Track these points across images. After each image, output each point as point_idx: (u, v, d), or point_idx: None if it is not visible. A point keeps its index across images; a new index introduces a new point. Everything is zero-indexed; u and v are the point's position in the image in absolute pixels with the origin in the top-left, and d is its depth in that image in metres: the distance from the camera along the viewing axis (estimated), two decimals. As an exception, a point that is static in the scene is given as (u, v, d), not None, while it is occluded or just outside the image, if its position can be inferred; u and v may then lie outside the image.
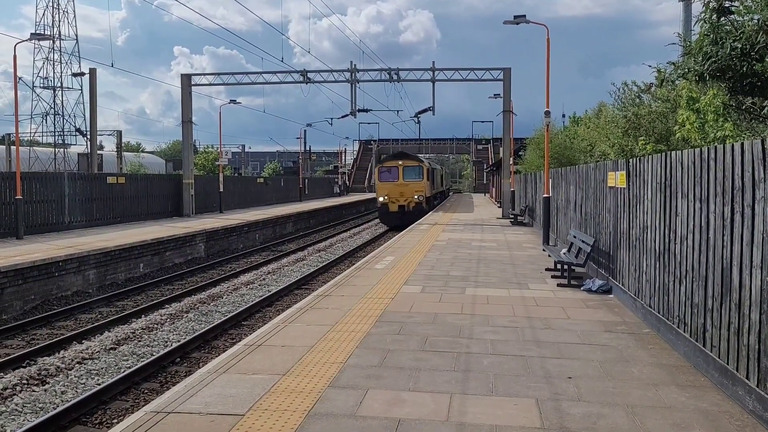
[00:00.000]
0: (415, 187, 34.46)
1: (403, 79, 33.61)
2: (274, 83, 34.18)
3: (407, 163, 35.12)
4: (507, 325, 8.34)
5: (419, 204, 34.25)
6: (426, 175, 35.20)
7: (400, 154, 38.47)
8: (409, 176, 34.71)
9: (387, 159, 36.91)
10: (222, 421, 5.03)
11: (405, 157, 36.35)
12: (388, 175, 34.83)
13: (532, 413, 5.22)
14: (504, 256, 15.79)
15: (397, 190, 34.18)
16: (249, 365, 6.53)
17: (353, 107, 33.65)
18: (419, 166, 35.19)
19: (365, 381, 6.02)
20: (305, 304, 9.74)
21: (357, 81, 33.23)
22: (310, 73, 33.39)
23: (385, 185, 34.50)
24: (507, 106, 31.99)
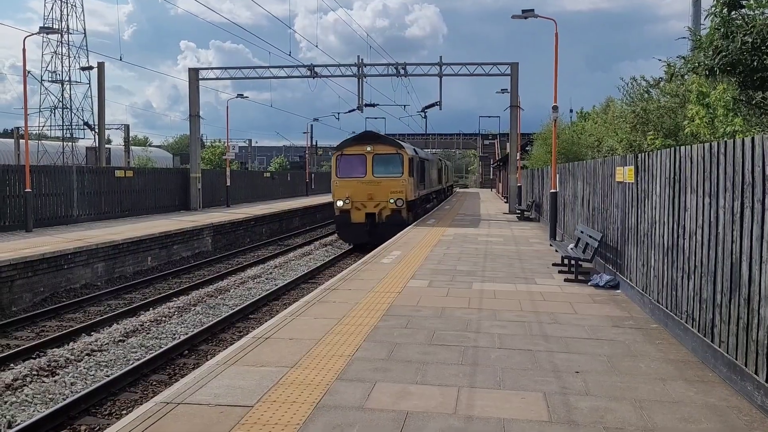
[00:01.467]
0: (392, 186, 23.35)
1: (410, 74, 33.58)
2: (282, 77, 34.20)
3: (380, 150, 23.76)
4: (514, 320, 8.34)
5: (397, 212, 23.28)
6: (408, 167, 23.98)
7: (369, 135, 25.20)
8: (383, 169, 23.70)
9: (349, 143, 24.38)
10: (231, 412, 5.06)
11: (376, 141, 24.26)
12: (351, 167, 23.72)
13: (540, 407, 5.23)
14: (511, 251, 15.78)
15: (363, 191, 23.28)
16: (257, 358, 6.56)
17: (360, 102, 33.65)
18: (398, 154, 23.88)
19: (373, 374, 6.04)
20: (312, 297, 9.77)
21: (364, 75, 33.20)
22: (317, 67, 33.37)
23: (347, 183, 23.33)
24: (514, 101, 31.90)
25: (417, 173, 26.75)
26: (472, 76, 33.07)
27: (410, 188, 24.33)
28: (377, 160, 23.54)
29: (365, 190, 23.28)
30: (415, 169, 26.08)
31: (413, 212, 26.04)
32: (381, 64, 34.02)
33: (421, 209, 29.25)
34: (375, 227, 23.14)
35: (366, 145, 23.61)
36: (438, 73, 32.95)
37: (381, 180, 23.34)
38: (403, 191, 23.38)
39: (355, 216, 23.26)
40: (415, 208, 26.55)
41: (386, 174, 23.53)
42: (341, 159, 23.79)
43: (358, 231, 23.26)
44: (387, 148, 23.94)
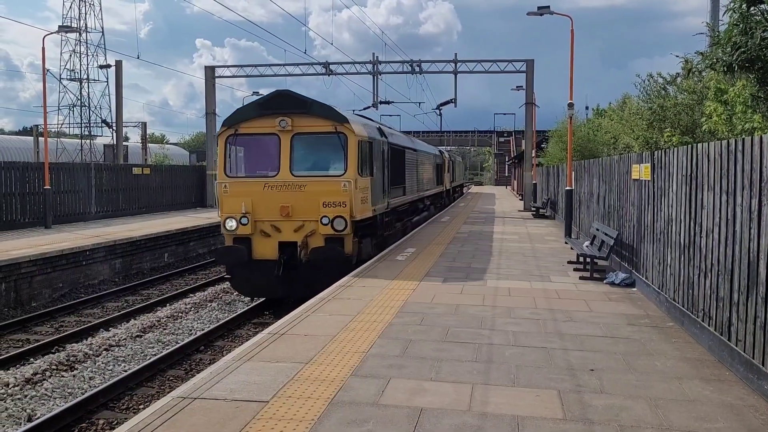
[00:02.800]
0: (326, 193, 12.85)
1: (425, 71, 33.54)
2: (297, 75, 34.30)
3: (305, 126, 13.17)
4: (529, 317, 8.33)
5: (336, 242, 12.85)
6: (359, 158, 13.34)
7: (285, 97, 13.44)
8: (311, 161, 13.49)
9: (249, 112, 13.60)
10: (246, 407, 5.11)
11: (297, 109, 13.22)
12: (252, 157, 13.88)
13: (554, 404, 5.23)
14: (526, 249, 15.74)
15: (273, 203, 12.96)
16: (272, 353, 6.61)
17: (375, 99, 33.64)
18: (337, 134, 13.09)
19: (387, 370, 6.07)
20: (327, 294, 9.81)
21: (379, 73, 33.23)
22: (332, 65, 33.43)
23: (243, 188, 13.13)
24: (529, 98, 31.76)
25: (383, 169, 15.47)
26: (488, 73, 32.97)
27: (364, 197, 13.36)
28: (300, 146, 12.99)
29: (277, 200, 12.64)
30: (379, 162, 14.92)
31: (375, 237, 14.89)
32: (396, 62, 34.02)
33: (394, 229, 17.97)
34: (295, 269, 12.53)
35: (278, 116, 12.80)
36: (453, 70, 32.88)
37: (306, 182, 12.63)
38: (348, 203, 12.52)
39: (259, 248, 12.78)
40: (378, 230, 15.12)
41: (316, 171, 12.99)
42: (234, 143, 13.25)
43: (263, 275, 12.66)
44: (317, 124, 12.91)
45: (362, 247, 13.66)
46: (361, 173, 13.26)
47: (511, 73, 32.62)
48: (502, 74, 33.07)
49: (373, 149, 14.28)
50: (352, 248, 12.86)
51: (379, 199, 15.10)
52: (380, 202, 15.19)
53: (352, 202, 12.56)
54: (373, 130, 15.15)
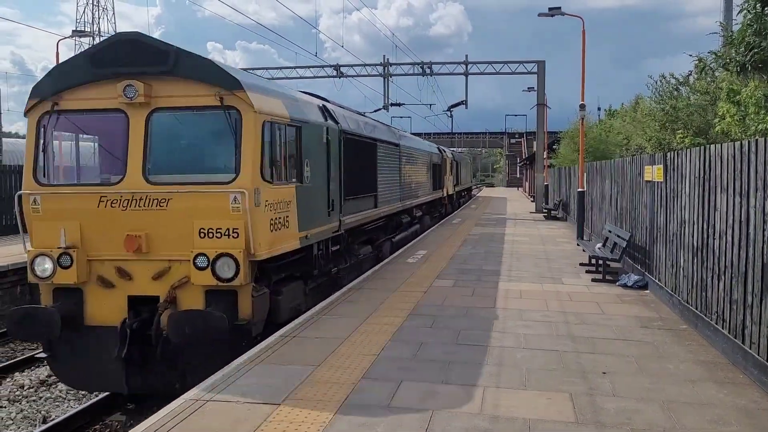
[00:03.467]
0: (209, 209, 7.31)
1: (436, 72, 33.57)
2: (308, 78, 34.41)
3: (167, 94, 7.51)
4: (540, 320, 8.30)
5: (224, 295, 7.32)
6: (270, 149, 7.81)
7: (128, 45, 7.44)
8: (182, 155, 8.05)
9: (76, 72, 7.63)
10: (258, 409, 5.14)
11: (152, 62, 7.43)
12: (84, 153, 8.80)
13: (566, 407, 5.21)
14: (537, 251, 15.69)
15: (116, 227, 7.39)
16: (284, 356, 6.63)
17: (386, 101, 33.68)
18: (225, 110, 7.37)
19: (398, 373, 6.07)
20: (337, 297, 9.83)
21: (390, 75, 33.27)
22: (343, 67, 33.51)
23: (65, 202, 7.57)
24: (541, 99, 31.68)
25: (328, 170, 10.17)
26: (498, 74, 32.93)
27: (279, 217, 8.12)
28: (161, 130, 7.80)
29: (122, 224, 7.49)
30: (319, 160, 9.75)
31: (311, 280, 9.72)
32: (406, 63, 34.04)
33: (355, 258, 12.40)
34: (152, 346, 7.35)
35: (123, 79, 7.49)
36: (464, 71, 32.87)
37: (170, 194, 7.46)
38: (242, 230, 7.32)
39: (94, 306, 7.62)
40: (315, 268, 9.71)
41: (187, 174, 7.75)
42: (53, 125, 7.93)
43: (101, 353, 7.43)
44: (190, 92, 7.56)
45: (279, 304, 8.08)
46: (271, 177, 7.72)
47: (523, 75, 32.57)
48: (514, 75, 33.02)
49: (302, 138, 8.72)
50: (251, 309, 7.29)
51: (320, 219, 9.50)
52: (322, 223, 9.60)
53: (249, 229, 7.11)
54: (305, 107, 9.45)
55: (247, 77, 8.12)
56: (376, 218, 14.24)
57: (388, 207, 15.46)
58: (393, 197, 16.03)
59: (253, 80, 8.30)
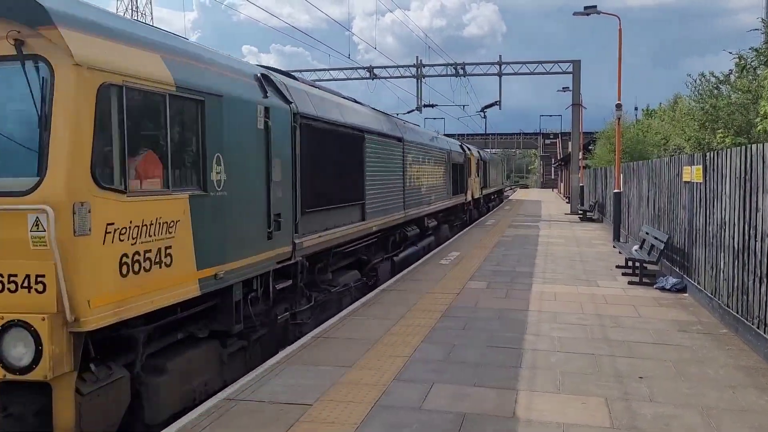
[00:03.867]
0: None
1: (470, 73, 33.41)
2: (341, 80, 34.56)
3: None
4: (575, 323, 8.18)
5: (22, 394, 4.36)
6: (121, 131, 4.69)
7: None
8: None
9: None
10: (290, 409, 5.16)
11: None
12: None
13: (602, 412, 5.11)
14: (572, 253, 15.47)
15: None
16: (315, 357, 6.65)
17: (419, 102, 33.63)
18: (22, 61, 4.30)
19: (430, 375, 6.04)
20: (369, 298, 9.83)
21: (423, 76, 33.22)
22: (376, 68, 33.58)
23: None
24: (576, 99, 31.26)
25: (268, 173, 6.98)
26: (533, 74, 32.61)
27: (154, 252, 5.01)
28: None
29: None
30: (248, 155, 6.59)
31: (227, 348, 6.36)
32: (440, 65, 33.94)
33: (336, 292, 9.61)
34: None
35: None
36: (498, 72, 32.64)
37: None
38: (50, 278, 4.24)
39: None
40: (243, 319, 6.47)
41: None
42: None
43: None
44: None
45: (157, 393, 5.24)
46: (122, 182, 4.77)
47: (557, 74, 32.21)
48: (548, 75, 32.65)
49: (205, 119, 5.78)
50: (74, 419, 4.38)
51: (250, 244, 6.58)
52: (256, 251, 6.68)
53: (62, 277, 4.23)
54: (218, 72, 6.30)
55: (73, 5, 4.76)
56: (365, 234, 10.85)
57: (384, 218, 12.01)
58: (392, 205, 12.74)
59: (87, 12, 4.85)
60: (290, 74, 9.28)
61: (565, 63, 31.75)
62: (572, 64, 31.40)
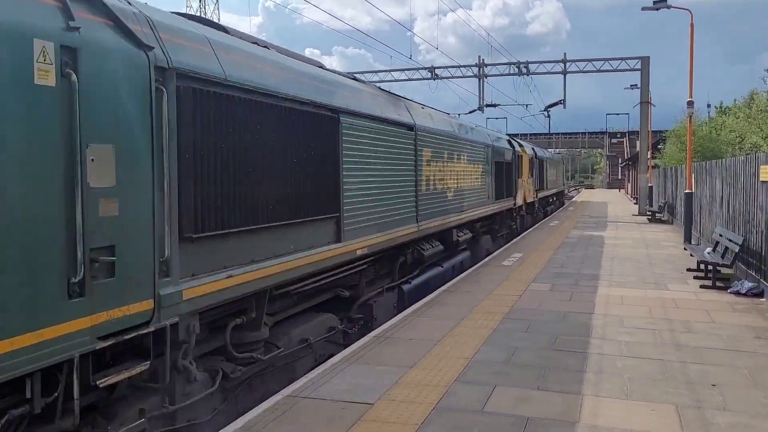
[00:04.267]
0: None
1: (533, 72, 32.87)
2: (402, 80, 34.62)
3: None
4: (643, 327, 7.93)
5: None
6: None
7: None
8: None
9: None
10: (352, 408, 5.20)
11: None
12: None
13: (672, 420, 4.94)
14: (640, 255, 15.00)
15: None
16: (377, 357, 6.69)
17: (481, 102, 33.34)
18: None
19: (492, 377, 5.98)
20: (431, 299, 9.80)
21: (485, 76, 32.92)
22: (437, 69, 33.49)
23: None
24: (645, 97, 30.32)
25: (96, 165, 3.90)
26: (599, 72, 31.84)
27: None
28: None
29: None
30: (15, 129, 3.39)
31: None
32: (502, 64, 33.55)
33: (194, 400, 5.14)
34: None
35: None
36: (562, 70, 32.03)
37: None
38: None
39: None
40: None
41: None
42: None
43: None
44: None
45: None
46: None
47: (625, 72, 31.34)
48: (615, 73, 31.80)
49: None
50: None
51: (24, 314, 3.44)
52: (32, 325, 3.47)
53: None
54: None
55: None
56: (346, 261, 7.67)
57: (381, 236, 8.62)
58: (396, 216, 9.23)
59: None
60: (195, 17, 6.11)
61: (633, 60, 30.85)
62: (640, 61, 30.48)
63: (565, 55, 31.91)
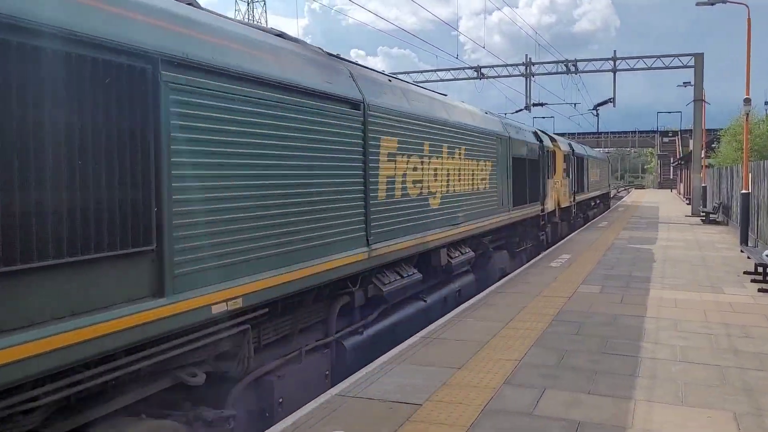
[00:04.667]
0: None
1: (582, 70, 32.33)
2: (448, 80, 34.49)
3: None
4: (698, 331, 7.71)
5: None
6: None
7: None
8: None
9: None
10: (400, 408, 5.21)
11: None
12: None
13: (730, 427, 4.79)
14: (694, 257, 14.58)
15: None
16: (424, 357, 6.68)
17: (528, 101, 32.96)
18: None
19: (541, 380, 5.90)
20: (477, 300, 9.74)
21: (532, 75, 32.53)
22: (483, 68, 33.25)
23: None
24: (698, 94, 29.49)
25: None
26: (650, 69, 31.10)
27: None
28: None
29: None
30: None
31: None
32: (550, 62, 33.10)
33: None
34: None
35: None
36: (612, 68, 31.42)
37: None
38: None
39: None
40: None
41: None
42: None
43: None
44: None
45: None
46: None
47: (677, 69, 30.52)
48: (666, 70, 30.99)
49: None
50: None
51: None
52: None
53: None
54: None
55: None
56: (172, 329, 4.19)
57: (271, 276, 5.16)
58: (318, 239, 5.94)
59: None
60: None
61: (686, 57, 30.02)
62: (694, 58, 29.63)
63: (615, 52, 31.29)
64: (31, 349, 3.20)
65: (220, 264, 4.56)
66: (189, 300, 4.25)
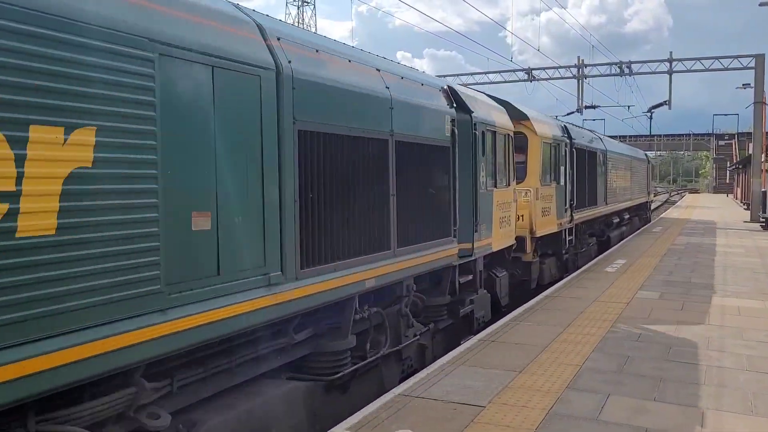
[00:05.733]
0: None
1: (635, 72, 31.68)
2: (498, 82, 34.26)
3: None
4: (765, 340, 7.51)
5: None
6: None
7: None
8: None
9: None
10: (464, 410, 5.26)
11: None
12: None
13: (804, 439, 4.69)
14: (755, 264, 14.16)
15: None
16: (484, 360, 6.71)
17: (580, 103, 32.47)
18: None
19: (604, 386, 5.87)
20: (534, 304, 9.70)
21: (584, 76, 32.05)
22: (534, 70, 32.93)
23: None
24: (759, 96, 28.53)
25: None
26: (708, 71, 30.28)
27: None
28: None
29: None
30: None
31: None
32: (602, 64, 32.54)
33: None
34: None
35: None
36: (667, 69, 30.70)
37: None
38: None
39: None
40: None
41: None
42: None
43: None
44: None
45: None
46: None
47: (736, 70, 29.60)
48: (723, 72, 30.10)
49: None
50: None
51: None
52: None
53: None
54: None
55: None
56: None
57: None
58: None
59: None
60: None
61: (746, 58, 29.10)
62: (754, 59, 28.69)
63: (671, 54, 30.57)
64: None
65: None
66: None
